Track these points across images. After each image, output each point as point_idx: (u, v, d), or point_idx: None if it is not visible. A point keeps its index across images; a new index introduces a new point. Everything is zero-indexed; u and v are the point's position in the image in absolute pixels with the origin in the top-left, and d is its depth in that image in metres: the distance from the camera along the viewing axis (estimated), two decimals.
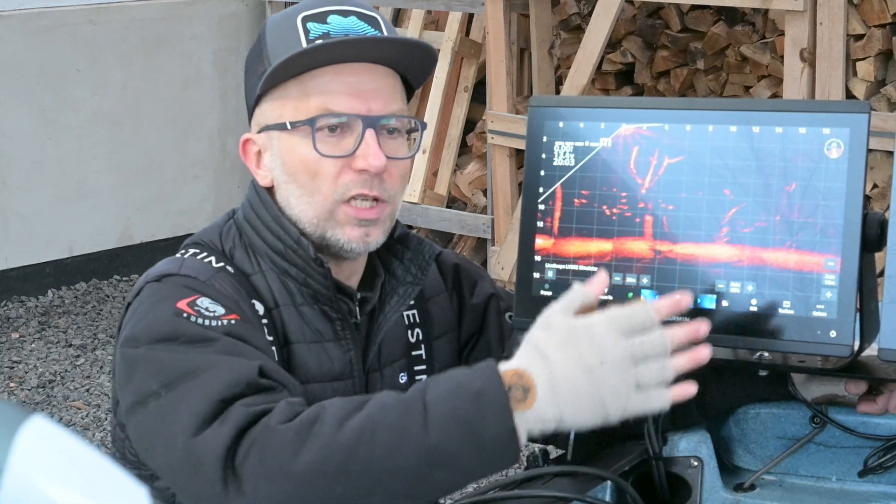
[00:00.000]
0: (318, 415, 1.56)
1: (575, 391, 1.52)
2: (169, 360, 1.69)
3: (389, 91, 1.86)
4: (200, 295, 1.76)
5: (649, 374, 1.53)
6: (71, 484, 0.79)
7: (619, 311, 1.55)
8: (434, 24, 6.40)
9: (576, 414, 1.53)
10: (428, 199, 6.10)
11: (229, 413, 1.60)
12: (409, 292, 1.94)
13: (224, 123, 6.73)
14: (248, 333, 1.75)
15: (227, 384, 1.63)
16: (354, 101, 1.82)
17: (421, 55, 1.88)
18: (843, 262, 1.71)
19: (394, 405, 1.55)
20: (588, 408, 1.52)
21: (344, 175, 1.82)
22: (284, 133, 1.85)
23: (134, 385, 1.72)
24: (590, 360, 1.52)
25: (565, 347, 1.53)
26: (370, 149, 1.81)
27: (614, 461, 1.89)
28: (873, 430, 1.87)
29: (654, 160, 1.81)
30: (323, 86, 1.83)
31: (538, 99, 1.90)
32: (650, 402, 1.54)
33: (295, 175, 1.84)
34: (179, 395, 1.65)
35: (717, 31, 5.37)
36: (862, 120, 1.72)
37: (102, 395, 5.08)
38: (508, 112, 5.64)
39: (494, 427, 1.51)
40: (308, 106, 1.83)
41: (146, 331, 1.73)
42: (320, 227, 1.84)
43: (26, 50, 6.04)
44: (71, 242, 6.28)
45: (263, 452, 1.55)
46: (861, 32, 4.81)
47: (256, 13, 6.81)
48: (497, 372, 1.54)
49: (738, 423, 1.96)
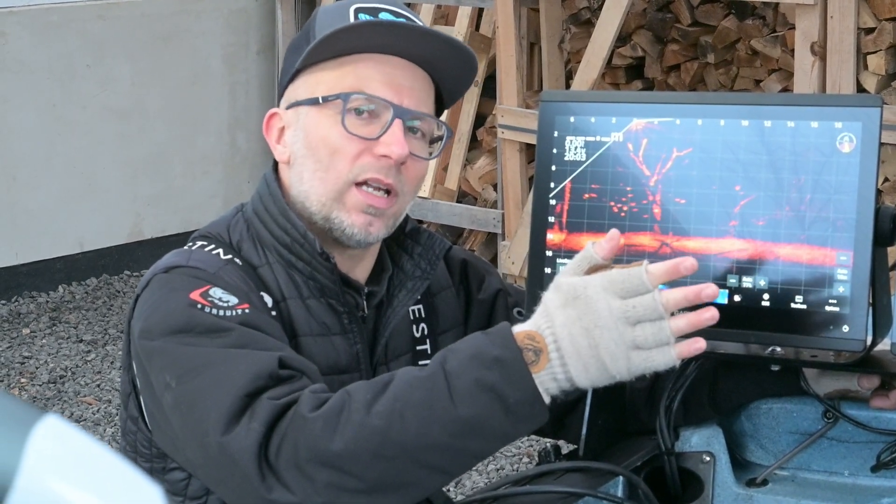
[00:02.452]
0: (345, 401, 1.59)
1: (576, 351, 1.55)
2: (186, 352, 1.69)
3: (423, 93, 1.87)
4: (212, 285, 1.76)
5: (645, 336, 1.55)
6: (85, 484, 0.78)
7: (615, 274, 1.57)
8: (444, 18, 6.39)
9: (582, 374, 1.56)
10: (438, 194, 6.10)
11: (257, 407, 1.61)
12: (417, 287, 1.94)
13: (233, 119, 6.73)
14: (263, 322, 1.75)
15: (251, 378, 1.64)
16: (389, 90, 1.83)
17: (462, 61, 1.88)
18: (856, 257, 1.70)
19: (417, 382, 1.58)
20: (591, 367, 1.56)
21: (363, 157, 1.83)
22: (314, 108, 1.86)
23: (152, 380, 1.73)
24: (585, 321, 1.55)
25: (566, 308, 1.57)
26: (395, 137, 1.82)
27: (626, 456, 1.89)
28: (886, 425, 1.87)
29: (665, 155, 1.80)
30: (361, 70, 1.84)
31: (549, 94, 1.90)
32: (653, 360, 1.56)
33: (315, 149, 1.85)
34: (200, 389, 1.66)
35: (728, 25, 5.36)
36: (874, 114, 1.72)
37: (113, 391, 5.08)
38: (518, 107, 5.63)
39: (518, 391, 1.55)
40: (342, 85, 1.84)
41: (161, 323, 1.73)
42: (327, 207, 1.84)
43: (35, 46, 6.05)
44: (81, 238, 6.29)
45: (296, 443, 1.58)
46: (872, 26, 4.80)
47: (266, 9, 6.81)
48: (511, 336, 1.58)
49: (750, 418, 1.95)
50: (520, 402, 1.56)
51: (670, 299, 1.56)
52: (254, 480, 1.58)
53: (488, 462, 4.45)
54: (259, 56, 6.79)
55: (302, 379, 1.67)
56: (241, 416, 1.61)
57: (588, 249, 1.61)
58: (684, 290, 1.57)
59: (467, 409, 1.55)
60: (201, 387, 1.66)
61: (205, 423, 1.63)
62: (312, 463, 1.56)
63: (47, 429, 0.81)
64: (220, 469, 1.63)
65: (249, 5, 6.77)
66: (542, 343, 1.57)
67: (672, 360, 1.57)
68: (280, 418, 1.60)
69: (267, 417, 1.60)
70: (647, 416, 1.97)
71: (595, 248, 1.61)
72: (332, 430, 1.56)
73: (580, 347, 1.55)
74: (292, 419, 1.59)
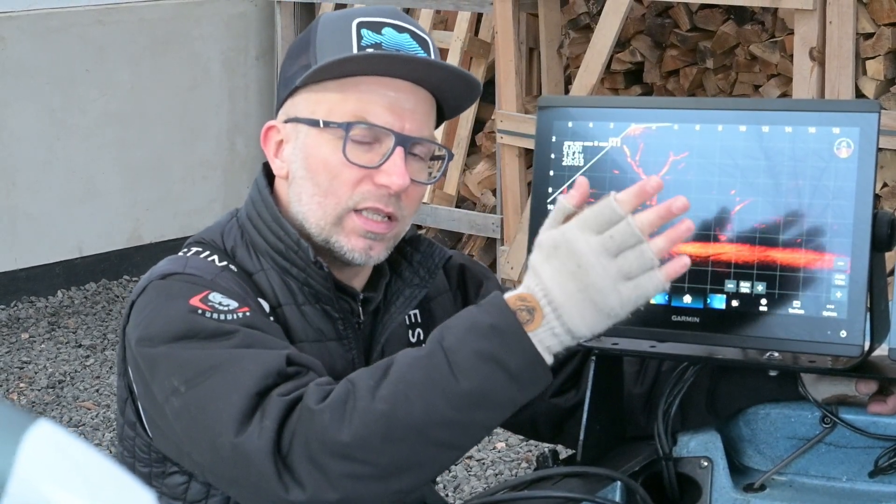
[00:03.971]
0: (349, 390, 1.60)
1: (568, 298, 1.57)
2: (191, 356, 1.69)
3: (426, 115, 1.86)
4: (210, 290, 1.76)
5: (629, 264, 1.56)
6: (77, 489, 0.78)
7: (586, 213, 1.58)
8: (443, 23, 6.40)
9: (579, 321, 1.57)
10: (437, 199, 6.10)
11: (267, 405, 1.62)
12: (415, 294, 1.93)
13: (232, 123, 6.73)
14: (264, 324, 1.76)
15: (259, 377, 1.65)
16: (391, 116, 1.82)
17: (466, 87, 1.87)
18: (853, 262, 1.70)
19: (417, 363, 1.60)
20: (585, 311, 1.57)
21: (363, 185, 1.82)
22: (314, 129, 1.84)
23: (157, 384, 1.73)
24: (569, 265, 1.57)
25: (550, 260, 1.58)
26: (396, 167, 1.81)
27: (624, 461, 1.89)
28: (884, 431, 1.87)
29: (662, 160, 1.80)
30: (363, 94, 1.82)
31: (547, 99, 1.90)
32: (643, 288, 1.57)
33: (314, 173, 1.84)
34: (207, 391, 1.66)
35: (727, 30, 5.36)
36: (872, 119, 1.72)
37: (112, 396, 5.08)
38: (517, 112, 5.63)
39: (518, 355, 1.57)
40: (344, 110, 1.82)
41: (162, 330, 1.73)
42: (325, 231, 1.84)
43: (35, 50, 6.05)
44: (80, 243, 6.29)
45: (307, 437, 1.59)
46: (871, 31, 4.80)
47: (265, 13, 6.81)
48: (503, 301, 1.60)
49: (748, 423, 1.95)
50: (521, 367, 1.57)
51: (644, 220, 1.57)
52: (271, 479, 1.60)
53: (486, 467, 4.45)
54: (258, 61, 6.79)
55: (309, 374, 1.68)
56: (252, 416, 1.62)
57: (560, 201, 1.62)
58: (655, 208, 1.58)
59: (470, 382, 1.57)
60: (211, 389, 1.66)
61: (217, 424, 1.64)
62: (325, 455, 1.58)
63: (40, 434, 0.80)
64: (234, 469, 1.64)
65: (249, 10, 6.78)
66: (533, 301, 1.58)
67: (661, 284, 1.57)
68: (290, 413, 1.61)
69: (278, 414, 1.61)
70: (645, 422, 1.96)
71: (566, 198, 1.62)
72: (340, 420, 1.58)
73: (570, 293, 1.56)
74: (300, 413, 1.60)
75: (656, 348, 1.86)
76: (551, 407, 2.00)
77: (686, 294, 1.78)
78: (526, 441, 4.55)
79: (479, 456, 4.52)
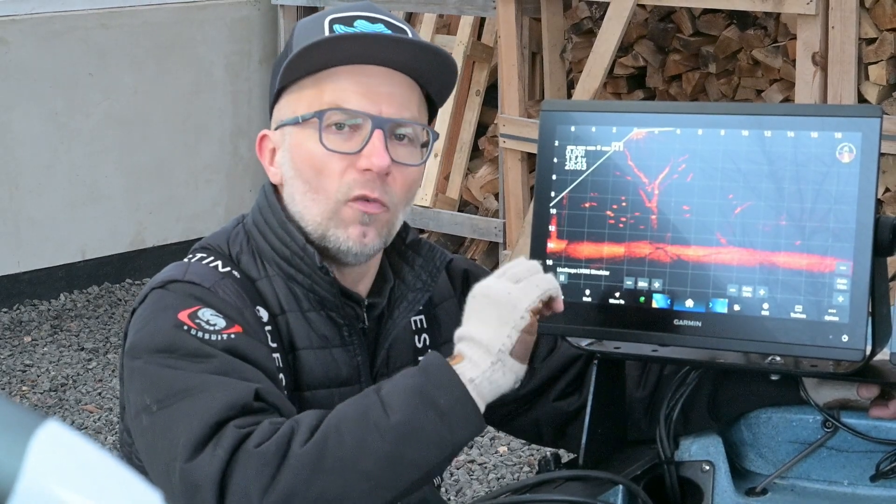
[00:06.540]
0: (293, 429, 1.63)
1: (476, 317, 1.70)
2: (165, 375, 1.71)
3: (405, 98, 1.85)
4: (203, 305, 1.76)
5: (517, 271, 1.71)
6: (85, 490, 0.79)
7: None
8: (446, 27, 6.40)
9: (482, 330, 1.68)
10: (439, 203, 6.10)
11: (222, 435, 1.63)
12: (418, 298, 1.93)
13: (236, 127, 6.74)
14: (249, 347, 1.76)
15: (223, 407, 1.66)
16: (366, 101, 1.82)
17: (438, 62, 1.87)
18: (855, 267, 1.71)
19: (353, 402, 1.66)
20: (489, 318, 1.68)
21: (348, 174, 1.82)
22: (296, 128, 1.85)
23: (132, 397, 1.75)
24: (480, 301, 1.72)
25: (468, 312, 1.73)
26: (375, 149, 1.81)
27: (626, 465, 1.89)
28: (885, 435, 1.87)
29: (665, 164, 1.81)
30: (337, 84, 1.83)
31: (550, 103, 1.90)
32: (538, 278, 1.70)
33: (301, 170, 1.85)
34: (173, 414, 1.68)
35: (729, 35, 5.37)
36: (874, 124, 1.72)
37: (114, 399, 5.08)
38: (520, 116, 5.64)
39: (446, 392, 1.64)
40: (321, 101, 1.83)
41: (145, 341, 1.75)
42: (322, 226, 1.84)
43: (38, 54, 6.05)
44: (83, 246, 6.29)
45: (245, 475, 1.61)
46: (873, 36, 4.80)
47: (268, 17, 6.82)
48: (433, 352, 1.72)
49: (749, 427, 1.96)
50: (451, 404, 1.63)
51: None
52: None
53: (489, 471, 4.45)
54: (261, 65, 6.79)
55: (273, 414, 1.69)
56: (206, 444, 1.63)
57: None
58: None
59: (399, 415, 1.62)
60: (177, 412, 1.67)
61: (174, 448, 1.65)
62: (259, 495, 1.59)
63: (48, 434, 0.81)
64: (182, 496, 1.64)
65: (252, 14, 6.78)
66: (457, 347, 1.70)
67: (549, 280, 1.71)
68: (241, 446, 1.63)
69: (231, 445, 1.62)
70: (647, 426, 1.97)
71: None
72: (276, 459, 1.60)
73: (475, 311, 1.70)
74: (242, 452, 1.62)
75: (658, 352, 1.87)
76: (554, 410, 2.00)
77: (688, 298, 1.78)
78: (528, 445, 4.55)
79: (482, 460, 4.53)
